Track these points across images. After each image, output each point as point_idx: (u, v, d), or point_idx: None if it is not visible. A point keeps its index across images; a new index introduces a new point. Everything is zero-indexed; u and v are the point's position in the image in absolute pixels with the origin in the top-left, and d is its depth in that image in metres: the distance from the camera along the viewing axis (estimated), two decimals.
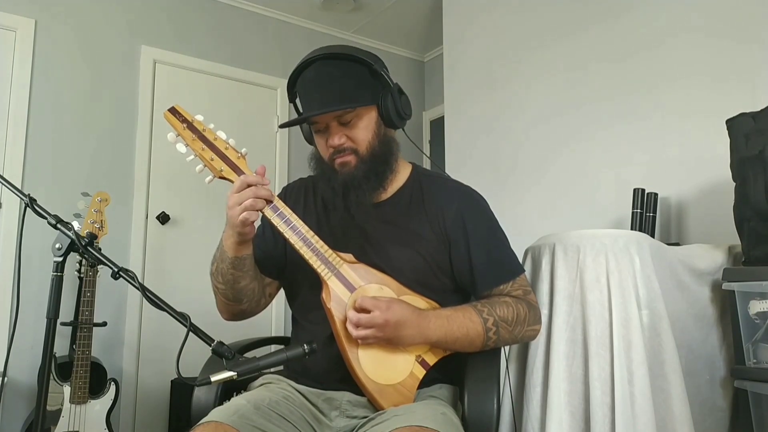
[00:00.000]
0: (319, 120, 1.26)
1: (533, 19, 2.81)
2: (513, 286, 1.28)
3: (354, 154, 1.25)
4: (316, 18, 3.89)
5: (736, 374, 1.47)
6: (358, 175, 1.24)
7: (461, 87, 3.21)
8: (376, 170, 1.26)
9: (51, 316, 1.05)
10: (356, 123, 1.25)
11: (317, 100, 1.24)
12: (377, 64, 1.27)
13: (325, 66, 1.24)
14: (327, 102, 1.23)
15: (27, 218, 1.07)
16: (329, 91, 1.23)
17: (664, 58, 2.23)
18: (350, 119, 1.24)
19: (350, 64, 1.25)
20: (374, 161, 1.26)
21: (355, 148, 1.25)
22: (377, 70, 1.26)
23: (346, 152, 1.25)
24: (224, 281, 1.25)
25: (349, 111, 1.23)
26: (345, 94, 1.23)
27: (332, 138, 1.25)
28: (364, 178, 1.24)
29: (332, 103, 1.22)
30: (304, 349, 1.02)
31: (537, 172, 2.71)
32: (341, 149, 1.25)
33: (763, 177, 1.45)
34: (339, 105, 1.22)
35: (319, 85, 1.24)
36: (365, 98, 1.25)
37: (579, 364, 1.46)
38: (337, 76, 1.24)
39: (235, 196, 1.14)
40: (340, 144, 1.25)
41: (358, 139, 1.25)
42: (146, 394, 3.09)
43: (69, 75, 3.08)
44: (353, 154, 1.25)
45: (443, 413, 1.11)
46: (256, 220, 1.17)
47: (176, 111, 1.20)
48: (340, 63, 1.24)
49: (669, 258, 1.56)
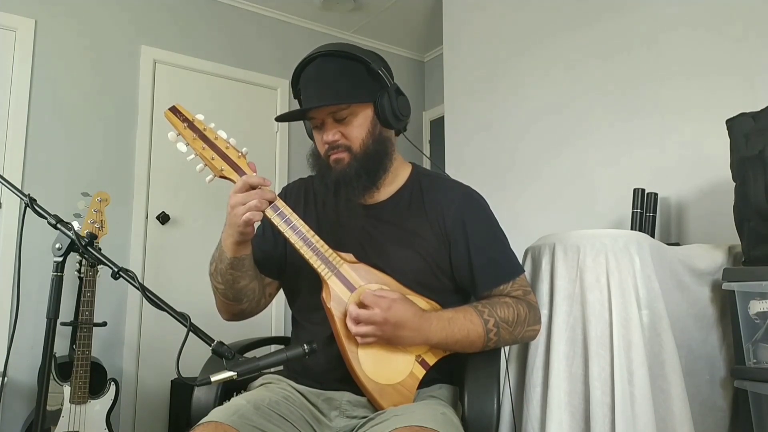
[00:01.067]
0: (315, 115, 1.26)
1: (533, 19, 2.81)
2: (513, 287, 1.28)
3: (347, 152, 1.25)
4: (316, 18, 3.89)
5: (736, 374, 1.47)
6: (350, 172, 1.24)
7: (461, 87, 3.20)
8: (368, 169, 1.26)
9: (51, 316, 1.05)
10: (351, 120, 1.25)
11: (314, 96, 1.25)
12: (376, 63, 1.27)
13: (324, 62, 1.25)
14: (322, 97, 1.24)
15: (27, 218, 1.07)
16: (325, 86, 1.24)
17: (665, 58, 2.23)
18: (345, 116, 1.24)
19: (348, 62, 1.25)
20: (367, 160, 1.26)
21: (349, 145, 1.25)
22: (375, 69, 1.26)
23: (339, 149, 1.25)
24: (223, 281, 1.25)
25: (344, 107, 1.23)
26: (340, 91, 1.24)
27: (326, 134, 1.26)
28: (356, 176, 1.24)
29: (327, 99, 1.23)
30: (304, 349, 1.02)
31: (537, 172, 2.71)
32: (335, 145, 1.25)
33: (763, 177, 1.45)
34: (333, 101, 1.23)
35: (316, 80, 1.25)
36: (361, 96, 1.25)
37: (579, 364, 1.46)
38: (334, 72, 1.24)
39: (239, 196, 1.14)
40: (334, 140, 1.25)
41: (352, 136, 1.25)
42: (146, 394, 3.09)
43: (69, 75, 3.08)
44: (346, 151, 1.25)
45: (443, 413, 1.11)
46: (258, 221, 1.17)
47: (177, 110, 1.20)
48: (339, 60, 1.25)
49: (669, 258, 1.56)
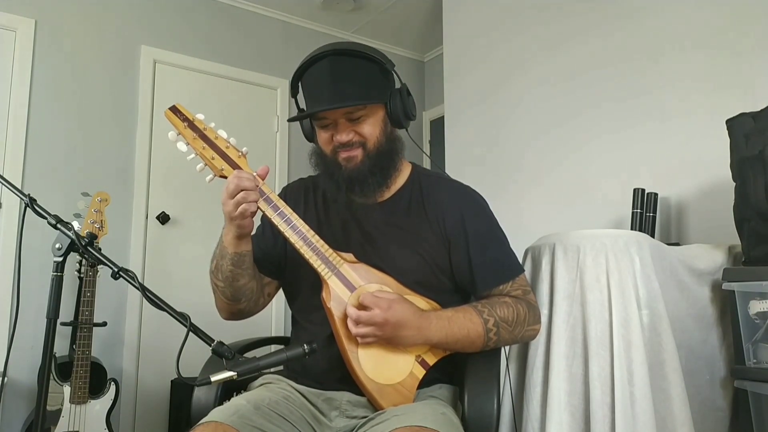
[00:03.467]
0: (327, 115, 1.25)
1: (534, 22, 2.81)
2: (513, 286, 1.28)
3: (361, 148, 1.25)
4: (316, 18, 3.89)
5: (736, 374, 1.47)
6: (364, 169, 1.24)
7: (461, 87, 3.20)
8: (381, 166, 1.26)
9: (51, 316, 1.05)
10: (365, 120, 1.25)
11: (328, 96, 1.23)
12: (389, 63, 1.27)
13: (337, 62, 1.23)
14: (339, 97, 1.22)
15: (27, 218, 1.07)
16: (342, 86, 1.22)
17: (665, 58, 2.22)
18: (359, 116, 1.24)
19: (362, 62, 1.24)
20: (380, 157, 1.26)
21: (364, 142, 1.25)
22: (388, 68, 1.26)
23: (354, 146, 1.25)
24: (223, 278, 1.25)
25: (361, 108, 1.23)
26: (358, 91, 1.23)
27: (340, 134, 1.25)
28: (370, 173, 1.24)
29: (345, 99, 1.22)
30: (304, 349, 1.02)
31: (537, 172, 2.71)
32: (349, 144, 1.25)
33: (763, 177, 1.45)
34: (352, 101, 1.22)
35: (330, 80, 1.23)
36: (376, 96, 1.25)
37: (579, 364, 1.46)
38: (350, 72, 1.23)
39: (230, 188, 1.14)
40: (348, 140, 1.24)
41: (367, 134, 1.25)
42: (146, 394, 3.09)
43: (69, 75, 3.08)
44: (361, 147, 1.25)
45: (443, 413, 1.12)
46: (254, 212, 1.17)
47: (177, 110, 1.20)
48: (352, 60, 1.24)
49: (669, 258, 1.56)
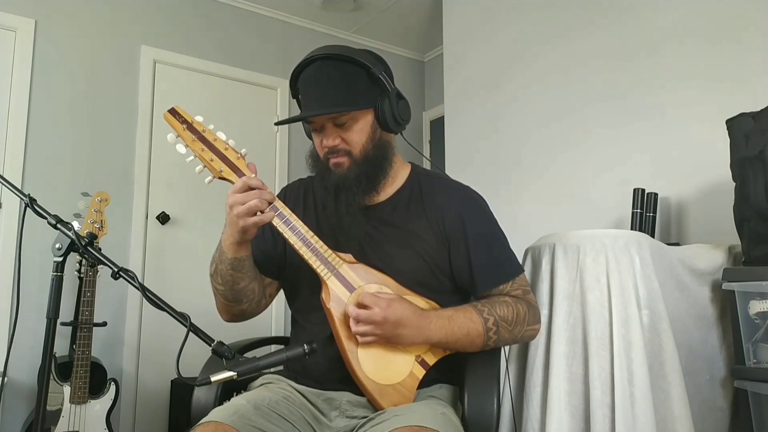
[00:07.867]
0: (315, 120, 1.26)
1: (533, 19, 2.81)
2: (512, 286, 1.28)
3: (347, 156, 1.25)
4: (316, 18, 3.89)
5: (736, 374, 1.47)
6: (350, 177, 1.24)
7: (461, 87, 3.20)
8: (368, 174, 1.26)
9: (51, 316, 1.05)
10: (351, 125, 1.25)
11: (314, 101, 1.24)
12: (376, 66, 1.25)
13: (324, 66, 1.24)
14: (323, 103, 1.23)
15: (27, 218, 1.07)
16: (326, 92, 1.23)
17: (665, 58, 2.23)
18: (345, 121, 1.24)
19: (348, 66, 1.24)
20: (367, 165, 1.26)
21: (349, 150, 1.25)
22: (375, 73, 1.25)
23: (339, 153, 1.25)
24: (224, 282, 1.25)
25: (344, 114, 1.23)
26: (341, 97, 1.23)
27: (326, 139, 1.25)
28: (356, 181, 1.24)
29: (328, 105, 1.22)
30: (304, 349, 1.02)
31: (537, 172, 2.71)
32: (335, 150, 1.25)
33: (763, 177, 1.45)
34: (334, 108, 1.22)
35: (316, 85, 1.24)
36: (361, 102, 1.25)
37: (579, 364, 1.46)
38: (335, 77, 1.23)
39: (237, 196, 1.13)
40: (334, 145, 1.25)
41: (352, 141, 1.25)
42: (146, 394, 3.09)
43: (69, 75, 3.08)
44: (347, 155, 1.25)
45: (443, 413, 1.12)
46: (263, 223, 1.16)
47: (176, 112, 1.20)
48: (339, 64, 1.24)
49: (669, 258, 1.56)
